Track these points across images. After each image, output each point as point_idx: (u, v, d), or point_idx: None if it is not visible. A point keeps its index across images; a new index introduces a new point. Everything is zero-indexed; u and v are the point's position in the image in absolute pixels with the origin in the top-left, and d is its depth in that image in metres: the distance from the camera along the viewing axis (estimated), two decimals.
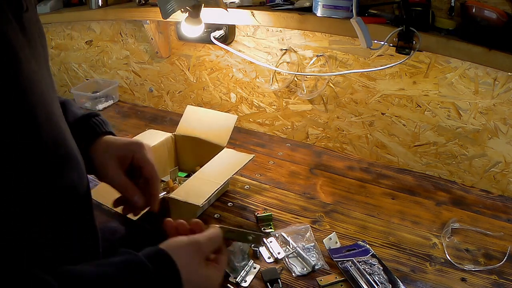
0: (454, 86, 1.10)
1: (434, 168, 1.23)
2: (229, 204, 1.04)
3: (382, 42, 1.00)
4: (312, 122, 1.37)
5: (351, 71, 1.21)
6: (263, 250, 0.88)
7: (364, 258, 0.86)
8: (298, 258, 0.87)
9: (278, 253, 0.87)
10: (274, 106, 1.41)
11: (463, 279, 0.83)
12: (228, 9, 1.15)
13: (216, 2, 1.15)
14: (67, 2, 1.62)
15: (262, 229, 0.94)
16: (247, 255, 0.85)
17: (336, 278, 0.81)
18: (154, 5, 1.32)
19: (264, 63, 1.34)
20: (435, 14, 1.01)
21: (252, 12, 1.14)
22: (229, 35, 1.32)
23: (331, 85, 1.28)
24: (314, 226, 0.97)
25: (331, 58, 1.24)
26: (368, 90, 1.23)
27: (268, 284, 0.80)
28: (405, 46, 0.98)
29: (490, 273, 0.85)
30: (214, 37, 1.30)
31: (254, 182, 1.14)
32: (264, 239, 0.90)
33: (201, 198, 0.85)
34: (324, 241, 0.90)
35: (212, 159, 1.01)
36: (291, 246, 0.88)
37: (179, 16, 1.20)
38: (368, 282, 0.79)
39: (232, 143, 1.24)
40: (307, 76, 1.30)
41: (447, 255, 0.89)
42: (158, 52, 1.50)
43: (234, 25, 1.33)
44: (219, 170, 0.97)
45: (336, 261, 0.85)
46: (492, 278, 0.84)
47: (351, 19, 0.97)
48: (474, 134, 1.13)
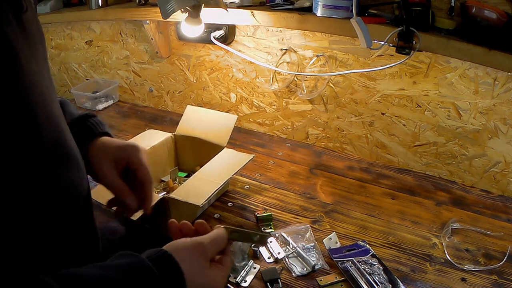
0: (454, 86, 1.10)
1: (434, 168, 1.23)
2: (229, 204, 1.04)
3: (382, 42, 1.00)
4: (312, 122, 1.37)
5: (351, 71, 1.21)
6: (263, 250, 0.88)
7: (364, 258, 0.86)
8: (298, 258, 0.87)
9: (278, 253, 0.87)
10: (274, 106, 1.41)
11: (463, 279, 0.83)
12: (228, 9, 1.15)
13: (216, 2, 1.15)
14: (67, 2, 1.63)
15: (262, 229, 0.94)
16: (247, 255, 0.85)
17: (336, 278, 0.81)
18: (154, 5, 1.32)
19: (264, 63, 1.34)
20: (435, 14, 1.01)
21: (252, 12, 1.14)
22: (229, 35, 1.32)
23: (331, 85, 1.28)
24: (314, 226, 0.97)
25: (331, 58, 1.24)
26: (368, 90, 1.23)
27: (268, 284, 0.80)
28: (405, 46, 0.98)
29: (490, 273, 0.85)
30: (214, 37, 1.30)
31: (254, 182, 1.14)
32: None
33: (201, 198, 0.85)
34: (324, 241, 0.90)
35: (212, 159, 1.01)
36: (291, 246, 0.88)
37: (179, 16, 1.20)
38: (368, 282, 0.79)
39: (232, 143, 1.24)
40: (307, 76, 1.30)
41: (447, 255, 0.89)
42: (158, 52, 1.50)
43: (234, 25, 1.33)
44: (219, 170, 0.97)
45: (336, 261, 0.85)
46: (492, 278, 0.84)
47: (351, 19, 0.97)
48: (474, 134, 1.13)
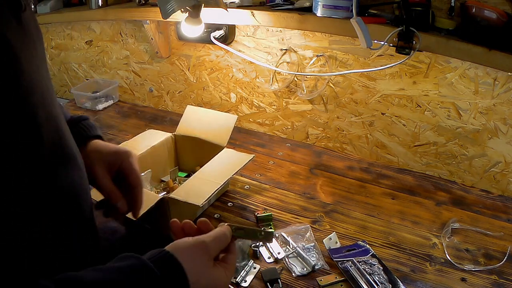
0: (454, 86, 1.10)
1: (434, 168, 1.23)
2: (229, 204, 1.04)
3: (382, 42, 1.00)
4: (312, 122, 1.37)
5: (351, 71, 1.21)
6: (263, 250, 0.88)
7: (364, 258, 0.86)
8: (298, 258, 0.87)
9: (278, 253, 0.87)
10: (274, 106, 1.41)
11: (463, 279, 0.83)
12: (228, 9, 1.15)
13: (216, 2, 1.15)
14: (67, 2, 1.62)
15: (262, 229, 0.94)
16: (247, 255, 0.85)
17: (336, 278, 0.81)
18: (154, 5, 1.32)
19: (264, 63, 1.34)
20: (435, 14, 1.01)
21: (252, 12, 1.14)
22: (229, 35, 1.32)
23: (331, 85, 1.28)
24: (314, 226, 0.97)
25: (331, 58, 1.24)
26: (368, 90, 1.23)
27: (268, 284, 0.80)
28: (405, 46, 0.98)
29: (490, 273, 0.85)
30: (214, 37, 1.30)
31: (254, 182, 1.14)
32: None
33: (201, 198, 0.85)
34: (324, 241, 0.90)
35: (212, 159, 1.01)
36: (291, 246, 0.88)
37: (179, 16, 1.20)
38: (368, 282, 0.79)
39: (232, 143, 1.24)
40: (307, 76, 1.30)
41: (447, 255, 0.89)
42: (158, 52, 1.50)
43: (234, 25, 1.33)
44: (219, 170, 0.97)
45: (336, 261, 0.85)
46: (492, 278, 0.84)
47: (351, 19, 0.97)
48: (474, 134, 1.13)
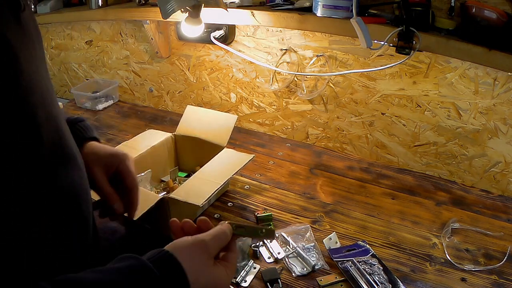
0: (454, 86, 1.10)
1: (434, 168, 1.23)
2: (229, 204, 1.04)
3: (382, 42, 1.00)
4: (312, 122, 1.37)
5: (351, 71, 1.21)
6: (263, 250, 0.88)
7: (364, 258, 0.86)
8: (298, 258, 0.87)
9: (278, 253, 0.87)
10: (274, 106, 1.41)
11: (463, 279, 0.83)
12: (228, 9, 1.15)
13: (216, 2, 1.15)
14: (67, 2, 1.62)
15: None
16: (247, 255, 0.85)
17: (336, 278, 0.81)
18: (154, 5, 1.32)
19: (264, 63, 1.34)
20: (435, 14, 1.01)
21: (252, 12, 1.14)
22: (229, 35, 1.32)
23: (331, 85, 1.28)
24: (314, 226, 0.97)
25: (331, 58, 1.24)
26: (368, 90, 1.23)
27: (268, 284, 0.80)
28: (405, 46, 0.98)
29: (490, 273, 0.85)
30: (214, 37, 1.30)
31: (254, 182, 1.14)
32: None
33: (201, 198, 0.85)
34: (324, 241, 0.90)
35: (212, 159, 1.01)
36: (291, 246, 0.88)
37: (179, 16, 1.20)
38: (368, 282, 0.79)
39: (232, 143, 1.24)
40: (307, 76, 1.30)
41: (447, 255, 0.89)
42: (158, 52, 1.50)
43: (234, 25, 1.32)
44: (219, 170, 0.97)
45: (336, 261, 0.85)
46: (492, 278, 0.84)
47: (351, 19, 0.97)
48: (474, 134, 1.13)
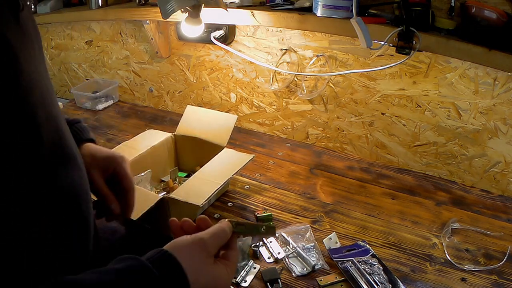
0: (454, 86, 1.10)
1: (434, 168, 1.23)
2: (229, 204, 1.04)
3: (382, 42, 1.00)
4: (312, 122, 1.37)
5: (351, 71, 1.21)
6: (263, 250, 0.88)
7: (364, 258, 0.86)
8: (298, 258, 0.87)
9: (278, 253, 0.87)
10: (274, 106, 1.41)
11: (463, 279, 0.83)
12: (228, 9, 1.15)
13: (216, 2, 1.15)
14: (67, 2, 1.62)
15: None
16: (247, 255, 0.85)
17: (336, 278, 0.81)
18: (154, 5, 1.32)
19: (264, 63, 1.34)
20: (435, 14, 1.01)
21: (252, 12, 1.14)
22: (229, 35, 1.32)
23: (331, 85, 1.28)
24: (314, 226, 0.97)
25: (331, 58, 1.24)
26: (368, 90, 1.23)
27: (268, 284, 0.80)
28: (405, 46, 0.98)
29: (490, 273, 0.85)
30: (214, 37, 1.30)
31: (254, 182, 1.14)
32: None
33: (201, 198, 0.85)
34: (324, 241, 0.90)
35: (212, 159, 1.01)
36: (291, 246, 0.88)
37: (179, 16, 1.20)
38: (368, 282, 0.79)
39: (232, 143, 1.24)
40: (307, 76, 1.30)
41: (447, 255, 0.89)
42: (158, 52, 1.50)
43: (234, 25, 1.32)
44: (219, 170, 0.97)
45: (336, 261, 0.85)
46: (492, 278, 0.84)
47: (351, 19, 0.97)
48: (474, 134, 1.13)
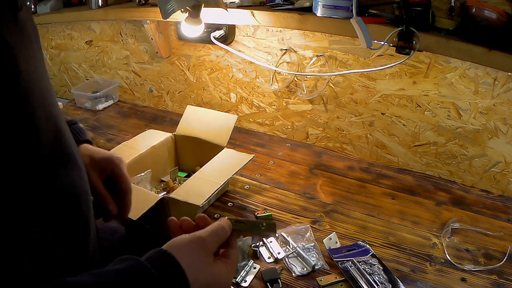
0: (454, 86, 1.10)
1: (434, 168, 1.23)
2: (229, 204, 1.04)
3: (382, 42, 1.00)
4: (312, 122, 1.37)
5: (351, 71, 1.21)
6: (263, 250, 0.88)
7: (364, 258, 0.86)
8: (298, 258, 0.87)
9: (278, 253, 0.87)
10: (274, 106, 1.41)
11: (463, 279, 0.83)
12: (228, 9, 1.15)
13: (216, 2, 1.15)
14: (67, 2, 1.62)
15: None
16: (247, 255, 0.85)
17: (336, 278, 0.81)
18: (154, 5, 1.32)
19: (264, 63, 1.34)
20: (435, 14, 1.01)
21: (252, 12, 1.14)
22: (229, 35, 1.32)
23: (331, 85, 1.28)
24: (314, 226, 0.97)
25: (331, 58, 1.24)
26: (368, 90, 1.23)
27: (268, 284, 0.80)
28: (405, 46, 0.98)
29: (490, 273, 0.85)
30: (214, 37, 1.30)
31: (254, 182, 1.14)
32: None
33: (201, 198, 0.85)
34: (324, 241, 0.90)
35: (212, 159, 1.01)
36: (291, 246, 0.88)
37: (179, 16, 1.20)
38: (368, 282, 0.79)
39: (232, 143, 1.24)
40: (307, 76, 1.30)
41: (447, 255, 0.89)
42: (158, 52, 1.50)
43: (234, 25, 1.32)
44: (219, 170, 0.97)
45: (336, 261, 0.85)
46: (492, 278, 0.84)
47: (351, 19, 0.97)
48: (474, 134, 1.13)
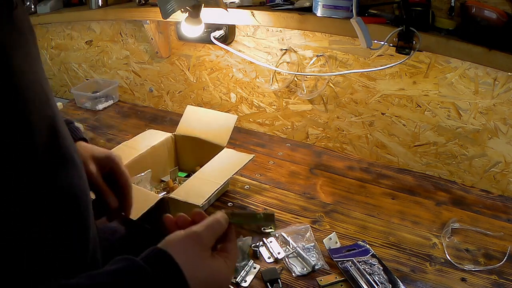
0: (454, 86, 1.10)
1: (434, 168, 1.23)
2: (229, 204, 1.04)
3: (382, 42, 1.00)
4: (312, 122, 1.37)
5: (351, 71, 1.21)
6: (263, 250, 0.88)
7: (364, 258, 0.86)
8: (298, 258, 0.87)
9: (278, 253, 0.87)
10: (274, 106, 1.41)
11: (463, 279, 0.83)
12: (228, 9, 1.15)
13: (216, 2, 1.15)
14: (67, 2, 1.62)
15: (262, 229, 0.94)
16: (247, 255, 0.85)
17: (336, 278, 0.81)
18: (154, 5, 1.32)
19: (264, 63, 1.34)
20: (435, 14, 1.01)
21: (252, 12, 1.14)
22: (229, 35, 1.32)
23: (331, 85, 1.28)
24: (314, 226, 0.97)
25: (331, 58, 1.24)
26: (368, 90, 1.23)
27: (268, 284, 0.80)
28: (405, 46, 0.98)
29: (490, 273, 0.85)
30: (214, 37, 1.30)
31: (254, 182, 1.14)
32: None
33: (201, 198, 0.86)
34: (324, 241, 0.90)
35: (212, 159, 1.01)
36: (291, 246, 0.88)
37: (179, 16, 1.20)
38: (368, 282, 0.79)
39: (232, 143, 1.24)
40: (307, 76, 1.30)
41: (447, 255, 0.89)
42: (158, 52, 1.50)
43: (234, 25, 1.32)
44: (219, 170, 0.97)
45: (336, 261, 0.85)
46: (492, 278, 0.84)
47: (351, 19, 0.97)
48: (474, 134, 1.13)
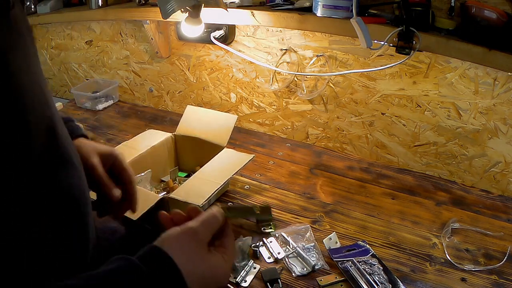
0: (454, 86, 1.10)
1: (434, 168, 1.23)
2: (229, 204, 1.04)
3: (382, 42, 1.00)
4: (312, 122, 1.37)
5: (351, 71, 1.21)
6: (263, 250, 0.88)
7: (364, 258, 0.86)
8: (298, 258, 0.87)
9: (278, 253, 0.87)
10: (274, 106, 1.41)
11: (463, 279, 0.83)
12: (228, 9, 1.15)
13: (216, 2, 1.15)
14: (67, 2, 1.63)
15: (262, 229, 0.94)
16: (247, 255, 0.85)
17: (336, 278, 0.81)
18: (154, 5, 1.32)
19: (264, 63, 1.34)
20: (435, 14, 1.01)
21: (252, 12, 1.14)
22: (229, 35, 1.32)
23: (331, 85, 1.28)
24: (314, 226, 0.97)
25: (331, 58, 1.24)
26: (368, 90, 1.23)
27: (268, 284, 0.80)
28: (405, 46, 0.98)
29: (490, 273, 0.85)
30: (214, 37, 1.30)
31: (254, 182, 1.14)
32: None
33: (201, 198, 0.86)
34: (324, 241, 0.90)
35: (212, 159, 1.01)
36: (291, 246, 0.88)
37: (179, 16, 1.20)
38: (368, 282, 0.79)
39: (232, 143, 1.24)
40: (307, 76, 1.30)
41: (447, 255, 0.89)
42: (158, 52, 1.50)
43: (234, 25, 1.33)
44: (219, 170, 0.97)
45: (336, 261, 0.85)
46: (492, 278, 0.84)
47: (351, 19, 0.97)
48: (474, 134, 1.13)
